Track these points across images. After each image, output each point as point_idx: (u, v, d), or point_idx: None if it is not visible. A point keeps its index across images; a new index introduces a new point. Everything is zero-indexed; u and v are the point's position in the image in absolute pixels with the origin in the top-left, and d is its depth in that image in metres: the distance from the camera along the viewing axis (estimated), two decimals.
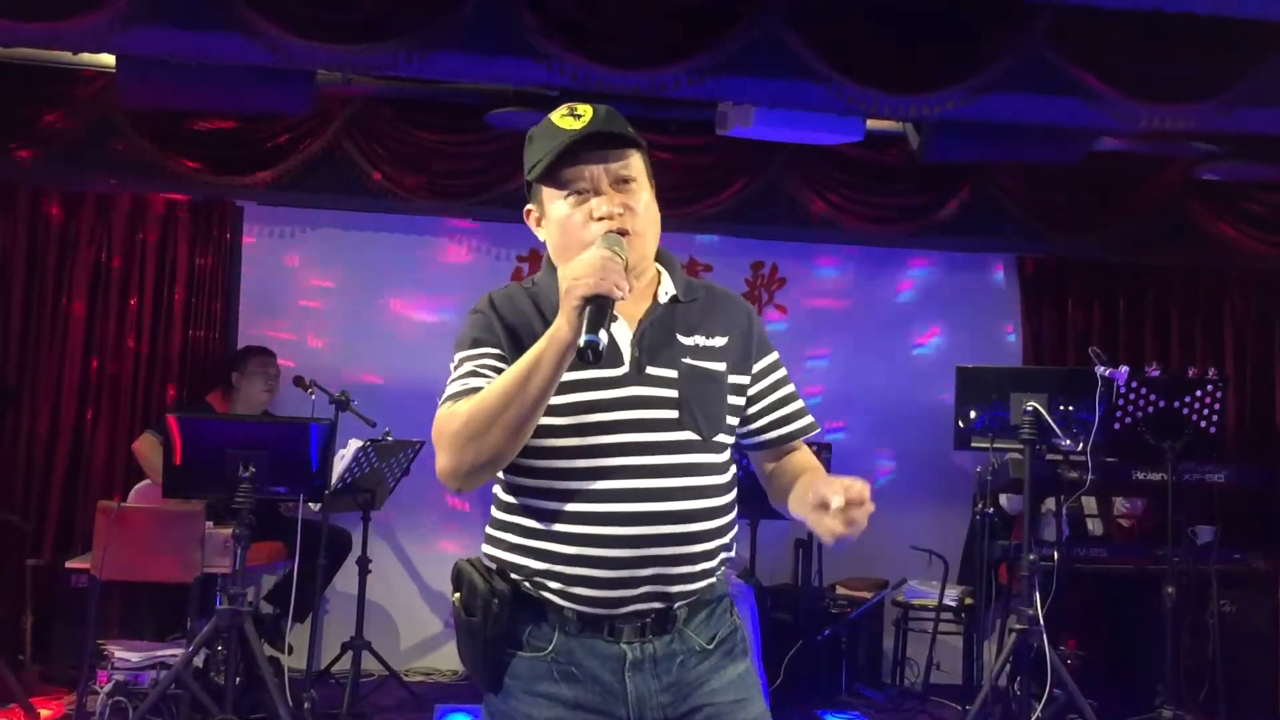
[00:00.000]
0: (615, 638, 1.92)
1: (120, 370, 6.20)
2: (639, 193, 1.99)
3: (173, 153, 5.75)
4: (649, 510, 1.89)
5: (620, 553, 1.89)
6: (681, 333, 2.00)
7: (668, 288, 2.04)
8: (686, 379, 1.96)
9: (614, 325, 1.92)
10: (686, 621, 1.97)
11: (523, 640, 1.94)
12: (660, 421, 1.93)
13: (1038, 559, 4.72)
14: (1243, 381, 6.93)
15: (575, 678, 1.92)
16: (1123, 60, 4.27)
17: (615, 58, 4.07)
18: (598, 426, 1.91)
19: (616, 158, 1.97)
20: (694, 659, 1.96)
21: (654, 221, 2.03)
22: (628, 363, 1.95)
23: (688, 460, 1.93)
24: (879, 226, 6.29)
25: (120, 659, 4.95)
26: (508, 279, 6.65)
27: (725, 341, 2.03)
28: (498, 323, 1.98)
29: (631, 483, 1.90)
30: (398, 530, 6.42)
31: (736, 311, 2.10)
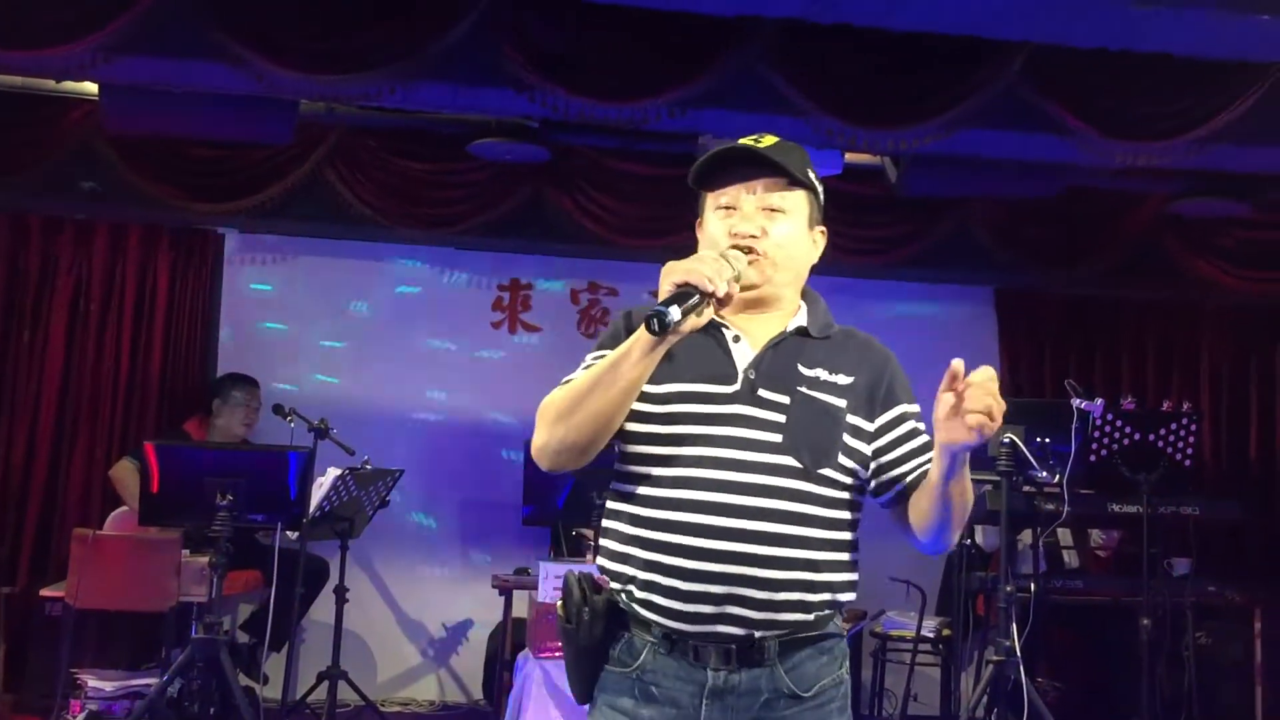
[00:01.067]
0: (701, 662, 1.90)
1: (98, 397, 6.18)
2: (788, 224, 2.01)
3: (153, 180, 5.76)
4: (734, 527, 1.87)
5: (700, 565, 1.87)
6: (804, 364, 1.99)
7: (800, 319, 2.04)
8: (799, 406, 1.94)
9: (736, 345, 1.98)
10: (780, 658, 1.91)
11: (614, 655, 1.95)
12: (763, 443, 1.92)
13: (1015, 590, 4.73)
14: (1218, 415, 6.99)
15: (654, 698, 1.91)
16: (1097, 97, 4.34)
17: (597, 89, 4.11)
18: (699, 438, 1.92)
19: (772, 186, 2.00)
20: (783, 702, 1.91)
21: (791, 254, 2.02)
22: (740, 382, 1.96)
23: (787, 485, 1.91)
24: (857, 259, 6.33)
25: (94, 688, 4.91)
26: (489, 308, 6.70)
27: (851, 381, 2.00)
28: (625, 334, 1.96)
29: (722, 497, 1.88)
30: (376, 559, 6.39)
31: (873, 356, 2.06)
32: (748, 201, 1.99)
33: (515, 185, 5.98)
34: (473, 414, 6.53)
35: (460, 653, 6.48)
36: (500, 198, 6.01)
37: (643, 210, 6.07)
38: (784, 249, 2.00)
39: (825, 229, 2.11)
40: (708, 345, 1.98)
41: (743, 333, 1.99)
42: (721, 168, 2.02)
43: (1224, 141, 4.41)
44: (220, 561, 4.40)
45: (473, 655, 6.42)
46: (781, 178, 2.00)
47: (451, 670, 6.48)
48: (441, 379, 6.57)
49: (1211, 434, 6.89)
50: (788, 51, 4.19)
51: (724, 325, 2.00)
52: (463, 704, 6.37)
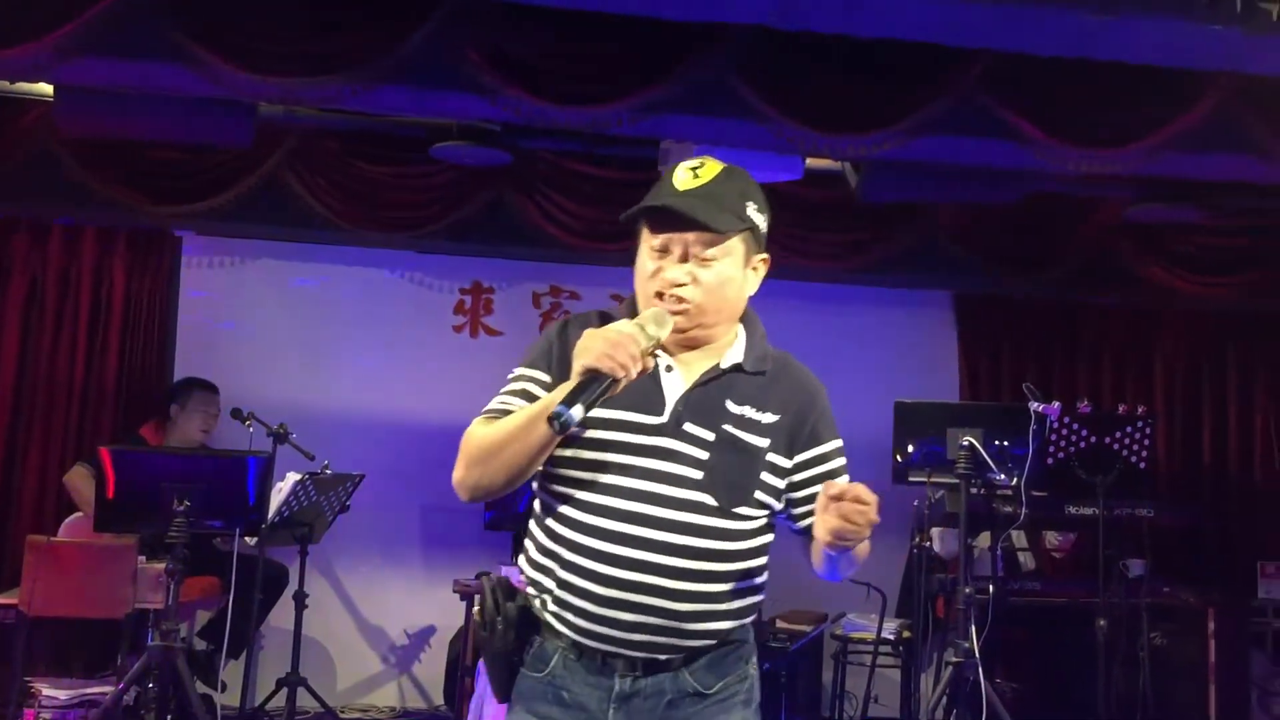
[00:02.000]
0: (608, 670, 1.96)
1: (53, 401, 6.10)
2: (718, 269, 2.00)
3: (109, 182, 5.68)
4: (646, 560, 1.92)
5: (611, 592, 1.92)
6: (733, 400, 2.01)
7: (735, 355, 2.05)
8: (721, 445, 1.97)
9: (669, 376, 2.00)
10: (685, 664, 1.98)
11: (527, 659, 2.02)
12: (682, 478, 1.96)
13: (973, 592, 4.78)
14: (1172, 418, 7.09)
15: (565, 702, 1.98)
16: (1054, 105, 4.39)
17: (559, 94, 4.11)
18: (622, 468, 1.96)
19: (702, 235, 1.98)
20: (686, 701, 1.98)
21: (727, 298, 2.02)
22: (668, 415, 1.98)
23: (699, 521, 1.95)
24: (819, 263, 6.36)
25: (48, 697, 4.84)
26: (450, 311, 6.68)
27: (775, 420, 2.03)
28: (558, 349, 2.03)
29: (636, 529, 1.93)
30: (336, 565, 6.35)
31: (802, 392, 2.09)
32: (678, 247, 1.99)
33: (477, 189, 5.96)
34: (434, 418, 6.48)
35: (421, 659, 6.45)
36: (461, 201, 5.99)
37: (604, 214, 6.06)
38: (714, 294, 2.00)
39: (768, 255, 2.11)
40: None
41: (677, 363, 2.01)
42: (655, 213, 2.00)
43: (1178, 149, 4.48)
44: (177, 568, 4.36)
45: (434, 661, 6.40)
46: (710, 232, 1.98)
47: (412, 676, 6.45)
48: (403, 383, 6.54)
49: (1165, 437, 6.99)
50: (750, 58, 4.21)
51: (658, 353, 2.00)
52: (424, 710, 6.34)
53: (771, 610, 6.14)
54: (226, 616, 5.08)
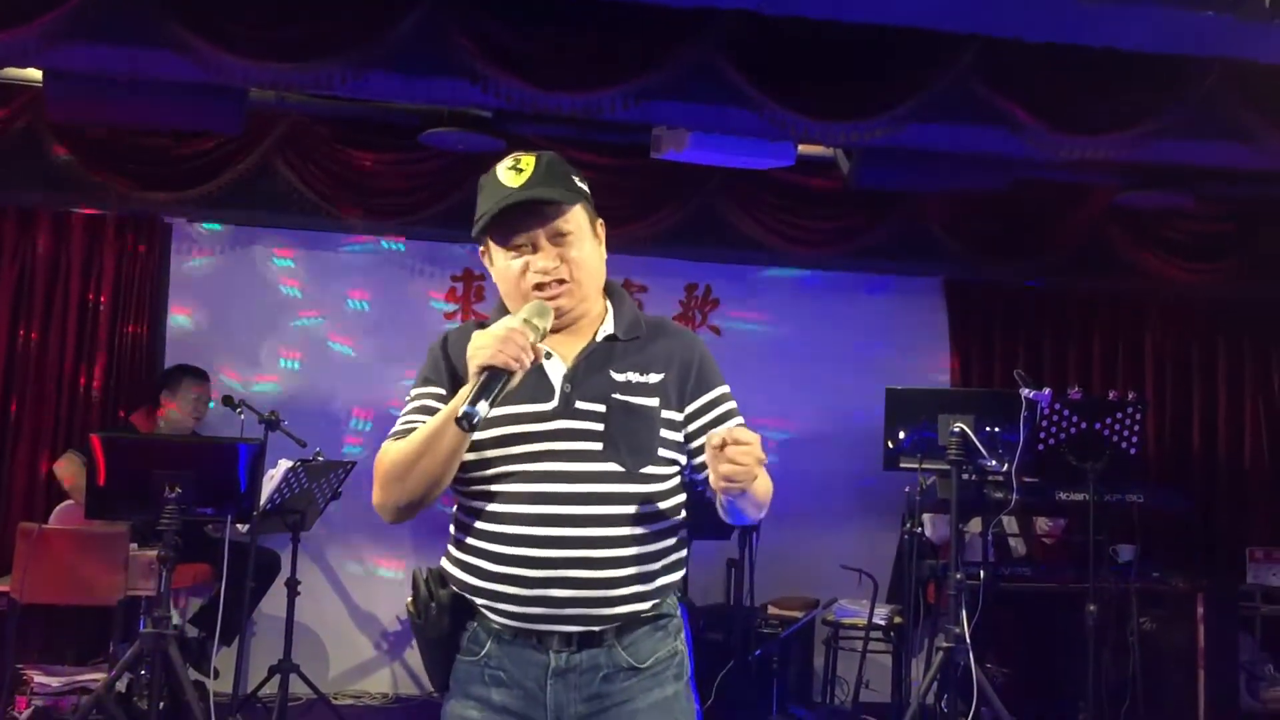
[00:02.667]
0: (543, 647, 2.02)
1: (42, 389, 6.07)
2: (577, 243, 2.10)
3: (99, 168, 5.66)
4: (567, 535, 1.99)
5: (539, 573, 1.99)
6: (615, 369, 2.09)
7: (608, 327, 2.14)
8: (615, 413, 2.05)
9: (549, 361, 2.07)
10: (618, 637, 2.04)
11: (462, 645, 2.07)
12: (585, 453, 2.03)
13: (964, 578, 4.79)
14: (1161, 405, 7.11)
15: (503, 682, 2.03)
16: (1045, 92, 4.39)
17: (550, 80, 4.10)
18: (526, 456, 2.03)
19: (553, 214, 2.08)
20: (620, 675, 2.04)
21: (593, 269, 2.13)
22: (557, 398, 2.06)
23: (611, 489, 2.02)
24: (811, 250, 6.36)
25: (40, 684, 4.86)
26: (442, 298, 6.67)
27: (660, 378, 2.10)
28: (444, 362, 2.12)
29: (553, 508, 2.00)
30: (328, 552, 6.35)
31: (679, 347, 2.16)
32: (539, 236, 2.07)
33: (468, 175, 5.92)
34: None
35: (414, 645, 6.42)
36: (452, 188, 5.96)
37: (596, 200, 6.02)
38: (584, 267, 2.10)
39: (602, 220, 2.19)
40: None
41: (553, 349, 2.08)
42: (501, 219, 2.08)
43: (1169, 136, 4.48)
44: (169, 555, 4.35)
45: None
46: (557, 211, 2.07)
47: (405, 663, 6.46)
48: (394, 370, 6.52)
49: (1155, 423, 7.02)
50: (742, 44, 4.20)
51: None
52: (416, 696, 6.35)
53: (763, 596, 6.16)
54: (218, 603, 5.08)
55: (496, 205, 2.06)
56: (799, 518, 6.19)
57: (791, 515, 6.02)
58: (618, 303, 2.18)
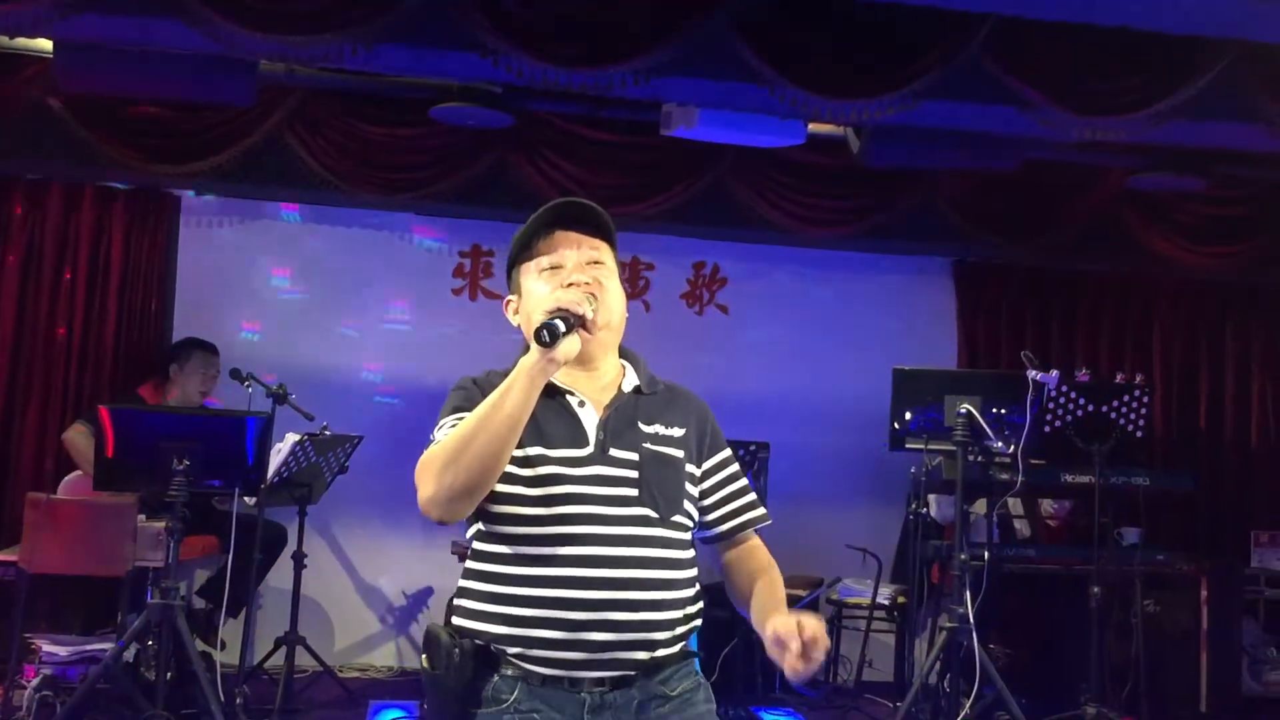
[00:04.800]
0: (576, 688, 2.01)
1: (51, 360, 6.10)
2: (609, 278, 2.15)
3: (109, 140, 5.66)
4: (607, 577, 2.00)
5: (579, 615, 1.99)
6: (643, 421, 2.14)
7: (632, 380, 2.20)
8: (647, 462, 2.09)
9: (582, 410, 2.11)
10: (648, 677, 2.05)
11: (485, 695, 2.02)
12: (621, 498, 2.06)
13: (969, 559, 4.81)
14: (1169, 388, 7.10)
15: None
16: (1057, 71, 4.37)
17: (562, 56, 4.09)
18: (563, 498, 2.03)
19: (589, 243, 2.14)
20: (654, 702, 2.06)
21: (619, 309, 2.17)
22: (593, 444, 2.09)
23: (645, 533, 2.05)
24: (819, 228, 6.35)
25: (48, 653, 4.87)
26: (449, 274, 6.67)
27: (683, 433, 2.17)
28: (479, 395, 2.05)
29: (591, 550, 2.01)
30: (334, 525, 6.38)
31: (693, 408, 2.24)
32: (572, 258, 2.11)
33: (478, 151, 5.94)
34: (433, 380, 6.49)
35: (419, 619, 6.49)
36: (462, 163, 5.96)
37: (606, 177, 6.05)
38: (613, 299, 2.13)
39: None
40: (559, 410, 2.10)
41: (584, 397, 2.12)
42: (540, 233, 2.14)
43: (1182, 117, 4.45)
44: (177, 527, 4.38)
45: (432, 621, 6.43)
46: (598, 233, 2.15)
47: (410, 636, 6.49)
48: (402, 345, 6.55)
49: (1162, 406, 7.01)
50: (754, 21, 4.18)
51: (568, 391, 2.12)
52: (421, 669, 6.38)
53: None
54: (225, 575, 5.11)
55: (539, 218, 2.14)
56: (804, 497, 6.20)
57: (797, 495, 6.05)
58: (634, 360, 2.24)
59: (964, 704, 4.79)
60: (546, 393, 2.01)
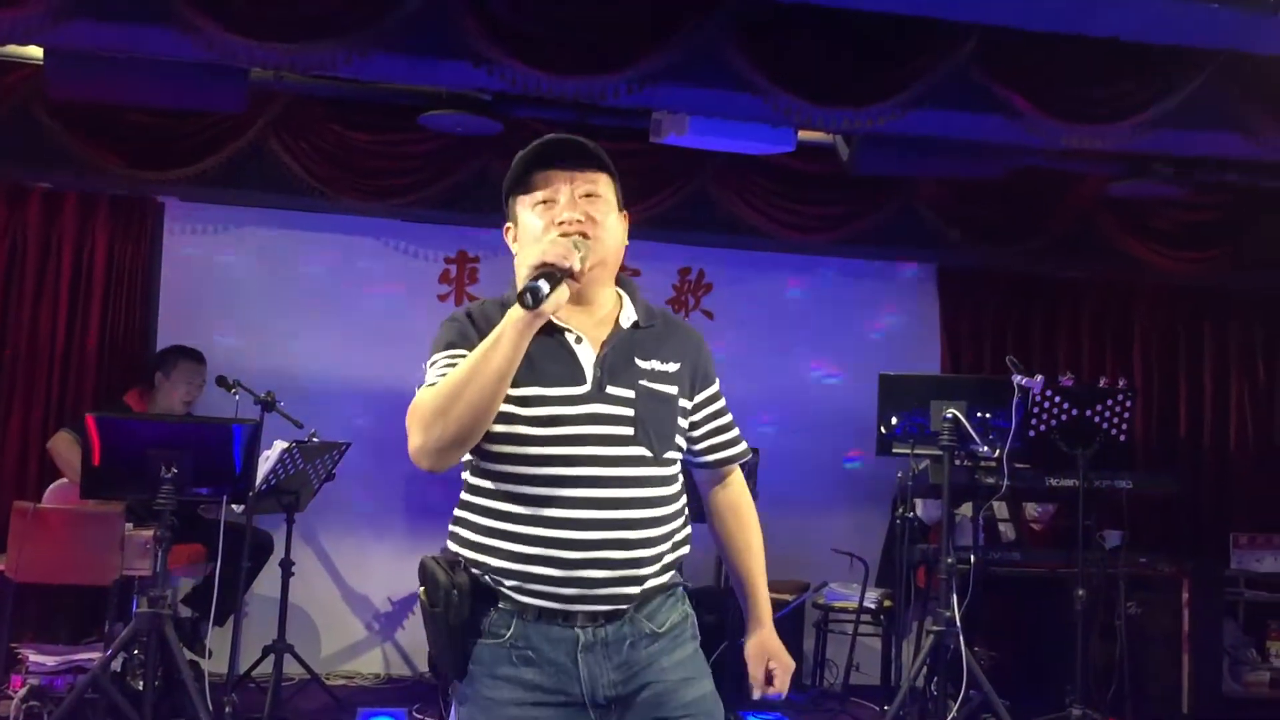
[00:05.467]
0: (569, 624, 2.06)
1: (34, 367, 6.04)
2: (603, 208, 2.15)
3: (92, 146, 5.61)
4: (602, 517, 2.04)
5: (574, 554, 2.03)
6: (639, 357, 2.15)
7: (629, 314, 2.19)
8: (643, 400, 2.12)
9: (579, 346, 2.11)
10: (638, 609, 2.11)
11: (483, 628, 2.08)
12: (617, 437, 2.09)
13: (955, 562, 4.84)
14: (1149, 392, 7.18)
15: (532, 661, 2.06)
16: (1045, 81, 4.41)
17: (555, 64, 4.09)
18: (561, 439, 2.06)
19: (584, 173, 2.14)
20: (644, 641, 2.11)
21: (615, 238, 2.17)
22: (590, 381, 2.10)
23: (639, 473, 2.09)
24: (805, 234, 6.38)
25: (35, 663, 4.83)
26: (435, 280, 6.66)
27: (677, 368, 2.19)
28: (472, 330, 2.10)
29: (587, 491, 2.04)
30: (320, 533, 6.35)
31: (688, 340, 2.26)
32: (566, 191, 2.12)
33: (464, 158, 5.93)
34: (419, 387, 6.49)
35: (405, 626, 6.47)
36: (448, 170, 5.95)
37: None
38: (608, 234, 2.14)
39: (627, 212, 2.26)
40: (555, 348, 2.10)
41: (581, 333, 2.12)
42: (531, 164, 2.14)
43: (1167, 126, 4.51)
44: (165, 535, 4.35)
45: (418, 629, 6.38)
46: (591, 164, 2.15)
47: (396, 644, 6.48)
48: (388, 352, 6.51)
49: (1142, 409, 7.08)
50: (747, 29, 4.21)
51: (565, 329, 2.12)
52: (408, 677, 6.37)
53: None
54: (212, 584, 5.07)
55: (532, 150, 2.13)
56: (790, 502, 6.22)
57: (783, 499, 6.06)
58: (630, 291, 2.24)
59: (951, 707, 4.83)
60: (543, 329, 2.01)
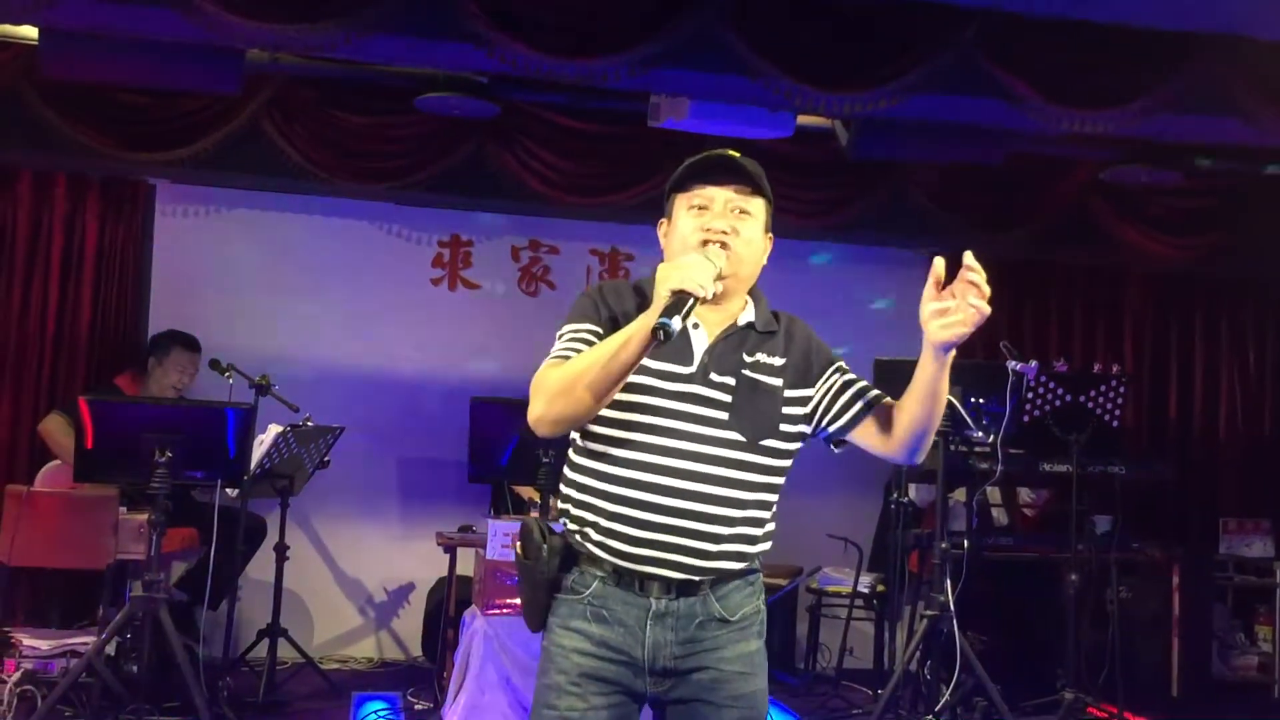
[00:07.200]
0: (645, 592, 2.21)
1: (24, 350, 6.01)
2: (751, 226, 2.30)
3: (83, 127, 5.55)
4: (683, 488, 2.19)
5: (653, 518, 2.19)
6: (748, 352, 2.30)
7: (749, 315, 2.35)
8: (742, 388, 2.26)
9: (695, 332, 2.27)
10: (712, 589, 2.23)
11: (566, 585, 2.26)
12: (712, 419, 2.23)
13: (949, 547, 4.86)
14: (1139, 378, 7.20)
15: (605, 619, 2.22)
16: (1046, 66, 4.41)
17: (555, 46, 4.07)
18: (661, 411, 2.22)
19: (742, 192, 2.29)
20: (713, 624, 2.23)
21: (755, 254, 2.32)
22: (696, 365, 2.25)
23: (730, 455, 2.22)
24: (799, 220, 6.36)
25: (29, 647, 4.81)
26: (429, 264, 6.63)
27: (784, 361, 2.32)
28: (603, 307, 2.28)
29: (676, 462, 2.19)
30: (314, 517, 6.34)
31: (797, 335, 2.38)
32: (719, 202, 2.27)
33: (457, 141, 5.90)
34: (412, 370, 6.48)
35: (399, 612, 6.47)
36: (442, 153, 5.92)
37: (586, 168, 6.04)
38: (748, 248, 2.29)
39: (772, 235, 2.38)
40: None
41: (701, 321, 2.28)
42: (698, 171, 2.29)
43: (1168, 111, 4.51)
44: (160, 519, 4.33)
45: (411, 614, 6.42)
46: (750, 186, 2.29)
47: (390, 629, 6.47)
48: (381, 336, 6.50)
49: (1133, 395, 7.11)
50: (747, 13, 4.19)
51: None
52: (401, 661, 6.37)
53: None
54: (207, 568, 5.07)
55: (708, 155, 2.29)
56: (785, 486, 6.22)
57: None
58: (757, 300, 2.38)
59: (944, 691, 4.85)
60: None
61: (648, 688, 2.23)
